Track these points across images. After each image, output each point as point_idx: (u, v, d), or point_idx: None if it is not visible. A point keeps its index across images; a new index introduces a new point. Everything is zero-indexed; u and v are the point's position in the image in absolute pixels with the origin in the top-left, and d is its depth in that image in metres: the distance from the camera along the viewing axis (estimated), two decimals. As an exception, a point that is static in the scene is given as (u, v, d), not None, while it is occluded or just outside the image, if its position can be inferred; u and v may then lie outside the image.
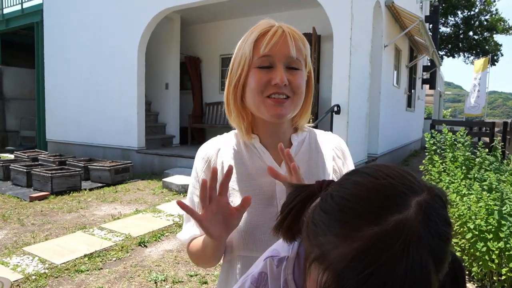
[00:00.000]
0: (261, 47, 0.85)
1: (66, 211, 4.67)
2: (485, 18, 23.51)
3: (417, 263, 0.40)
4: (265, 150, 0.92)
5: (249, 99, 0.89)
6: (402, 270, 0.39)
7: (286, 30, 0.86)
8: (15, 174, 6.07)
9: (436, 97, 17.28)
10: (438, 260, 0.43)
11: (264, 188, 0.89)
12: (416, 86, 11.44)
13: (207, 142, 1.00)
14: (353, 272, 0.40)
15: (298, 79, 0.87)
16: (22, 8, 9.90)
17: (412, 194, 0.45)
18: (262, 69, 0.86)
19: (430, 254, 0.42)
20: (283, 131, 0.94)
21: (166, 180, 5.91)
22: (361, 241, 0.41)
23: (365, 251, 0.40)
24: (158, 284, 2.83)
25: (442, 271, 0.44)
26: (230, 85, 0.92)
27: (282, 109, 0.85)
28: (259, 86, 0.85)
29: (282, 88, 0.84)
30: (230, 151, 0.95)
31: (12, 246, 3.53)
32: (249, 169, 0.92)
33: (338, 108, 5.46)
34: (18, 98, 10.97)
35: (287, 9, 7.35)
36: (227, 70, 0.99)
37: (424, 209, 0.43)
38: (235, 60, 0.91)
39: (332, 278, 0.42)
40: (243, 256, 0.89)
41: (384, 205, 0.43)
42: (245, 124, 0.91)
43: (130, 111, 7.42)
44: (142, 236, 3.78)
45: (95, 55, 7.95)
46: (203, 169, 0.95)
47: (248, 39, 0.88)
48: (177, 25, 8.37)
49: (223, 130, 1.03)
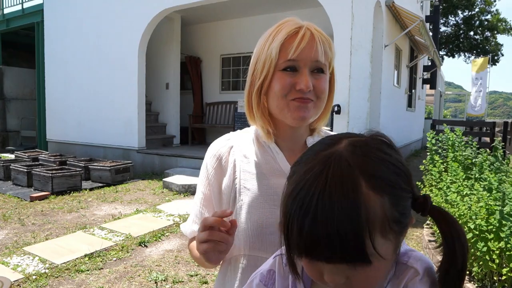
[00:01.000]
0: (289, 50, 0.82)
1: (66, 211, 4.67)
2: (485, 18, 23.49)
3: (338, 172, 0.48)
4: (279, 151, 0.91)
5: (272, 101, 0.87)
6: (323, 177, 0.48)
7: (314, 33, 0.84)
8: (16, 174, 6.08)
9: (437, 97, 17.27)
10: (369, 176, 0.49)
11: (276, 189, 0.88)
12: (417, 86, 11.43)
13: (219, 138, 0.98)
14: (290, 197, 0.51)
15: (323, 83, 0.86)
16: (23, 8, 9.91)
17: (346, 136, 0.55)
18: (287, 72, 0.84)
19: (356, 169, 0.49)
20: (300, 134, 0.93)
21: (167, 180, 5.91)
22: (298, 174, 0.52)
23: (300, 179, 0.51)
24: (159, 284, 2.83)
25: (383, 190, 0.49)
26: (253, 87, 0.89)
27: (305, 112, 0.84)
28: (283, 90, 0.84)
29: (306, 93, 0.83)
30: (244, 149, 0.93)
31: (12, 246, 3.53)
32: (262, 169, 0.90)
33: (339, 108, 5.45)
34: (19, 98, 10.98)
35: (288, 9, 7.35)
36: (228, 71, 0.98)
37: (353, 142, 0.53)
38: (258, 61, 0.87)
39: (283, 213, 0.52)
40: (248, 255, 0.88)
41: (319, 148, 0.54)
42: (268, 127, 0.89)
43: (131, 111, 7.42)
44: (143, 236, 3.78)
45: (95, 55, 7.96)
46: (214, 166, 0.94)
47: (275, 40, 0.84)
48: (178, 25, 8.38)
49: (223, 130, 1.04)
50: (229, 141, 0.96)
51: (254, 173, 0.90)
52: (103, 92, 7.90)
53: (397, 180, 0.51)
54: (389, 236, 0.49)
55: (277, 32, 0.85)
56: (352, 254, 0.46)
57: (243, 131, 0.99)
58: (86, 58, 8.11)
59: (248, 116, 0.93)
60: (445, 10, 22.20)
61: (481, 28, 23.39)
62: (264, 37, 0.88)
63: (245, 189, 0.89)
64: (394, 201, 0.50)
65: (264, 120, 0.89)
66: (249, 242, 0.87)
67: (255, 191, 0.88)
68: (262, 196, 0.87)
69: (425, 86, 13.65)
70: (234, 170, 0.91)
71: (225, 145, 0.95)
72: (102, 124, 7.92)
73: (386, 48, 7.03)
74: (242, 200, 0.87)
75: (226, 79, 9.05)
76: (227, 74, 9.01)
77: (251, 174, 0.90)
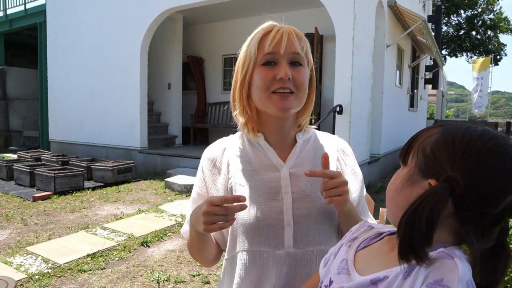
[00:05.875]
0: (265, 45, 0.89)
1: (69, 211, 4.69)
2: (488, 17, 23.41)
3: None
4: (269, 147, 0.95)
5: (255, 95, 0.92)
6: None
7: (288, 29, 0.90)
8: (18, 174, 6.10)
9: (439, 97, 17.24)
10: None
11: (269, 183, 0.92)
12: (419, 86, 11.40)
13: (214, 143, 1.04)
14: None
15: (301, 75, 0.90)
16: (26, 8, 9.94)
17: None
18: (267, 66, 0.89)
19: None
20: (287, 128, 0.97)
21: (169, 180, 5.92)
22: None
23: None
24: (161, 284, 2.84)
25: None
26: (236, 83, 0.95)
27: (287, 103, 0.89)
28: (265, 83, 0.89)
29: (286, 82, 0.88)
30: (236, 149, 0.98)
31: (15, 245, 3.55)
32: (254, 165, 0.95)
33: (341, 108, 5.45)
34: (22, 98, 11.01)
35: (290, 9, 7.35)
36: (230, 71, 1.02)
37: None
38: (240, 60, 0.94)
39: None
40: (247, 251, 0.90)
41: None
42: (250, 123, 0.95)
43: (133, 111, 7.43)
44: (145, 236, 3.79)
45: (97, 55, 7.97)
46: (209, 168, 1.00)
47: (253, 40, 0.92)
48: (180, 25, 8.39)
49: (225, 130, 1.06)
50: (222, 144, 1.02)
51: (247, 170, 0.94)
52: (105, 92, 7.92)
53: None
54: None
55: (256, 33, 0.93)
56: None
57: (236, 135, 1.04)
58: (89, 59, 8.13)
59: (232, 113, 0.98)
60: (447, 9, 22.14)
61: (483, 27, 23.31)
62: (245, 42, 0.96)
63: (239, 186, 0.93)
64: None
65: (244, 114, 0.94)
66: (248, 237, 0.90)
67: (249, 187, 0.92)
68: (257, 191, 0.91)
69: (427, 86, 13.61)
70: (228, 169, 0.96)
71: (219, 147, 1.01)
72: (104, 124, 7.94)
73: (388, 48, 7.02)
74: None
75: (228, 79, 9.05)
76: (229, 74, 9.00)
77: (244, 171, 0.94)
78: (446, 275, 0.51)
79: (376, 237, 0.69)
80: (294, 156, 0.95)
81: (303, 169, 0.89)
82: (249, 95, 0.93)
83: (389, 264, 0.59)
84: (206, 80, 9.30)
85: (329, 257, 0.74)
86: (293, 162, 0.95)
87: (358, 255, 0.68)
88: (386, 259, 0.62)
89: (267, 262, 0.89)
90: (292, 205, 0.90)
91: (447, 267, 0.52)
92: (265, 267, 0.88)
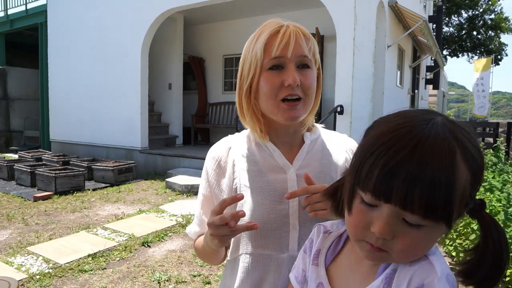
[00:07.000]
0: (272, 49, 0.84)
1: (69, 211, 4.69)
2: (489, 18, 23.39)
3: (436, 131, 0.48)
4: (276, 149, 0.93)
5: (262, 102, 0.89)
6: (426, 129, 0.48)
7: (296, 30, 0.86)
8: (19, 174, 6.10)
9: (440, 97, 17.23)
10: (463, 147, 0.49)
11: (276, 186, 0.90)
12: (420, 86, 11.40)
13: (219, 142, 1.01)
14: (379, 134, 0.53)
15: (309, 79, 0.87)
16: (26, 8, 9.95)
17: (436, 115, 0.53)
18: (273, 70, 0.85)
19: (453, 136, 0.49)
20: (294, 130, 0.94)
21: (169, 180, 5.92)
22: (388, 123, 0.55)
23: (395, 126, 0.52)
24: (162, 284, 2.84)
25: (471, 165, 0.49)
26: (241, 90, 0.91)
27: (295, 112, 0.86)
28: (272, 90, 0.86)
29: (294, 89, 0.85)
30: (242, 150, 0.96)
31: (16, 245, 3.55)
32: (261, 167, 0.92)
33: (341, 108, 5.45)
34: (22, 98, 11.02)
35: (291, 9, 7.34)
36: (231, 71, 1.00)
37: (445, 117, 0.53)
38: (244, 63, 0.90)
39: (359, 145, 0.55)
40: (250, 254, 0.89)
41: (415, 113, 0.55)
42: (260, 127, 0.92)
43: (134, 111, 7.44)
44: (146, 236, 3.79)
45: (98, 56, 7.98)
46: (214, 167, 0.97)
47: (258, 41, 0.86)
48: (180, 25, 8.39)
49: (226, 130, 1.05)
50: (227, 143, 0.99)
51: (252, 171, 0.92)
52: (106, 92, 7.92)
53: (480, 162, 0.52)
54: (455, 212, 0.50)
55: (260, 34, 0.87)
56: (438, 208, 0.47)
57: (241, 133, 1.01)
58: (89, 59, 8.14)
59: (241, 118, 0.95)
60: (448, 10, 22.12)
61: (484, 27, 23.29)
62: (249, 40, 0.91)
63: (245, 187, 0.91)
64: (473, 182, 0.50)
65: (255, 121, 0.91)
66: (251, 239, 0.88)
67: (254, 188, 0.90)
68: (262, 193, 0.89)
69: (428, 87, 13.62)
70: (233, 170, 0.93)
71: (224, 147, 0.98)
72: (105, 124, 7.94)
73: (389, 48, 7.01)
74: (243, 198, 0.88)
75: (229, 80, 9.05)
76: (229, 74, 9.01)
77: (249, 172, 0.92)
78: (425, 279, 0.52)
79: (338, 242, 0.68)
80: (301, 157, 0.93)
81: (310, 170, 0.88)
82: (255, 100, 0.90)
83: (367, 278, 0.59)
84: (207, 80, 9.30)
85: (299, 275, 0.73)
86: (301, 163, 0.92)
87: (331, 272, 0.67)
88: (360, 273, 0.61)
89: (269, 265, 0.87)
90: (298, 208, 0.88)
91: (425, 269, 0.53)
92: (267, 270, 0.87)
